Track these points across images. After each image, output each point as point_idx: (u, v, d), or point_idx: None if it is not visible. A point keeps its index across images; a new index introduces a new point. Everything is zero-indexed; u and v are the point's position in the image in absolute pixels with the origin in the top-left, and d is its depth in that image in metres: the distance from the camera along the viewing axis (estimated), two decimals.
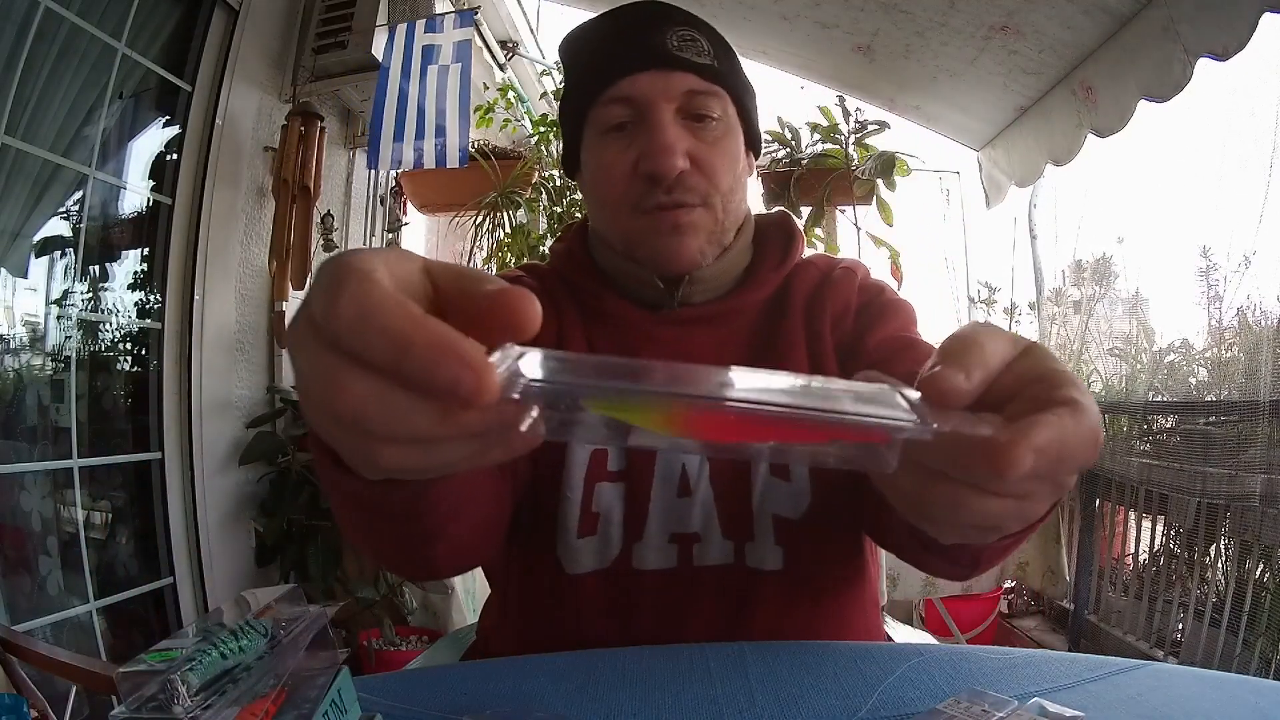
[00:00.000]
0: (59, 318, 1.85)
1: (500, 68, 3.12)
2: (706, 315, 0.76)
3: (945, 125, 2.83)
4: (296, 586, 0.44)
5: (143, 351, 2.08)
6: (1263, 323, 2.02)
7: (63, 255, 1.86)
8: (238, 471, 2.20)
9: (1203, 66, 1.73)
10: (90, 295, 1.94)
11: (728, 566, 0.70)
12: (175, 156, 2.12)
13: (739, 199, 0.76)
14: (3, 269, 1.75)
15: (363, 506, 0.46)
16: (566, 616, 0.71)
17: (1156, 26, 1.82)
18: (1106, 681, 0.55)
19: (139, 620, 1.98)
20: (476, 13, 2.40)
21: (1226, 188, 2.11)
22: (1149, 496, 2.33)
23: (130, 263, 2.09)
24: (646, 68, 0.70)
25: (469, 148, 2.30)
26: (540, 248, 2.63)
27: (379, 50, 2.26)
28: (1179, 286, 2.78)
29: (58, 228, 1.87)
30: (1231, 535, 2.05)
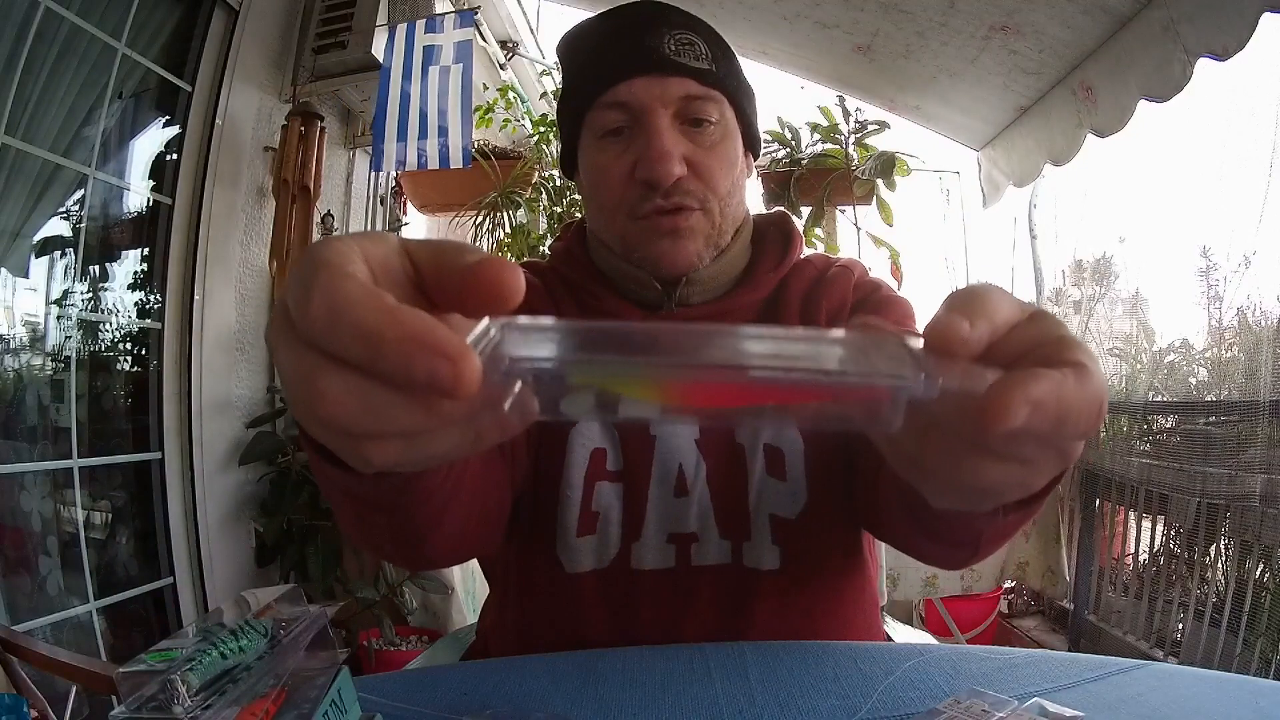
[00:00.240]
0: (59, 318, 1.85)
1: (501, 68, 3.12)
2: (704, 316, 0.76)
3: (945, 125, 2.83)
4: (296, 586, 0.44)
5: (143, 351, 2.08)
6: (1263, 323, 2.02)
7: (63, 255, 1.86)
8: (238, 471, 2.20)
9: (1203, 66, 1.73)
10: (90, 295, 1.94)
11: (726, 566, 0.70)
12: (175, 156, 2.12)
13: (737, 202, 0.76)
14: (3, 269, 1.75)
15: (354, 499, 0.46)
16: (566, 615, 0.71)
17: (1156, 26, 1.82)
18: (1106, 681, 0.55)
19: (139, 620, 1.98)
20: (476, 13, 2.40)
21: (1226, 188, 2.11)
22: (1149, 496, 2.33)
23: (130, 263, 2.09)
24: (643, 72, 0.70)
25: (470, 148, 2.30)
26: (540, 248, 2.63)
27: (379, 50, 2.26)
28: (1179, 286, 2.78)
29: (58, 228, 1.87)
30: (1231, 535, 2.05)
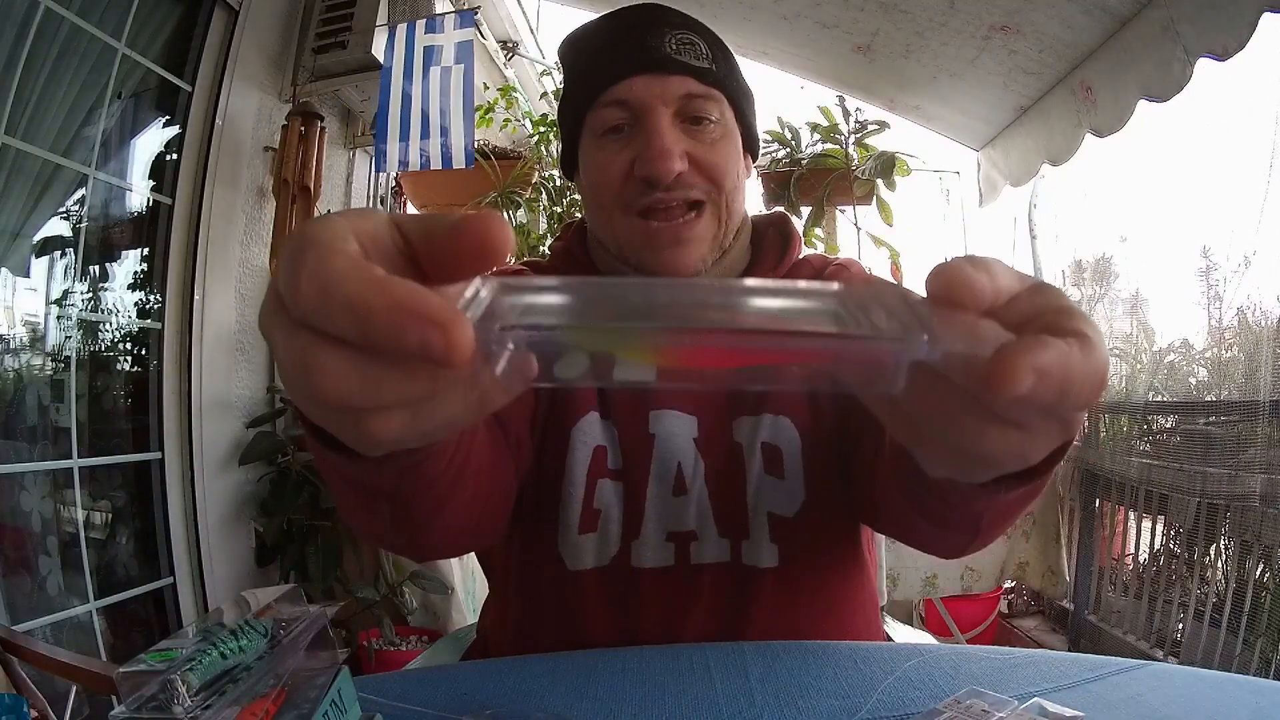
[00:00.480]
0: (59, 318, 1.85)
1: (501, 67, 3.12)
2: None
3: (945, 125, 2.83)
4: (296, 586, 0.44)
5: (143, 351, 2.08)
6: (1263, 323, 2.02)
7: (63, 255, 1.86)
8: (238, 471, 2.20)
9: (1203, 66, 1.73)
10: (90, 295, 1.94)
11: (725, 564, 0.71)
12: (175, 156, 2.12)
13: (740, 200, 0.76)
14: (3, 269, 1.75)
15: (357, 487, 0.46)
16: (567, 613, 0.71)
17: (1156, 26, 1.82)
18: (1106, 681, 0.55)
19: (139, 620, 1.98)
20: (476, 13, 2.40)
21: (1226, 188, 2.11)
22: (1149, 496, 2.33)
23: (130, 263, 2.09)
24: (643, 71, 0.70)
25: (473, 148, 2.31)
26: (540, 248, 2.63)
27: (379, 50, 2.26)
28: (1179, 286, 2.78)
29: (58, 228, 1.87)
30: (1231, 535, 2.05)
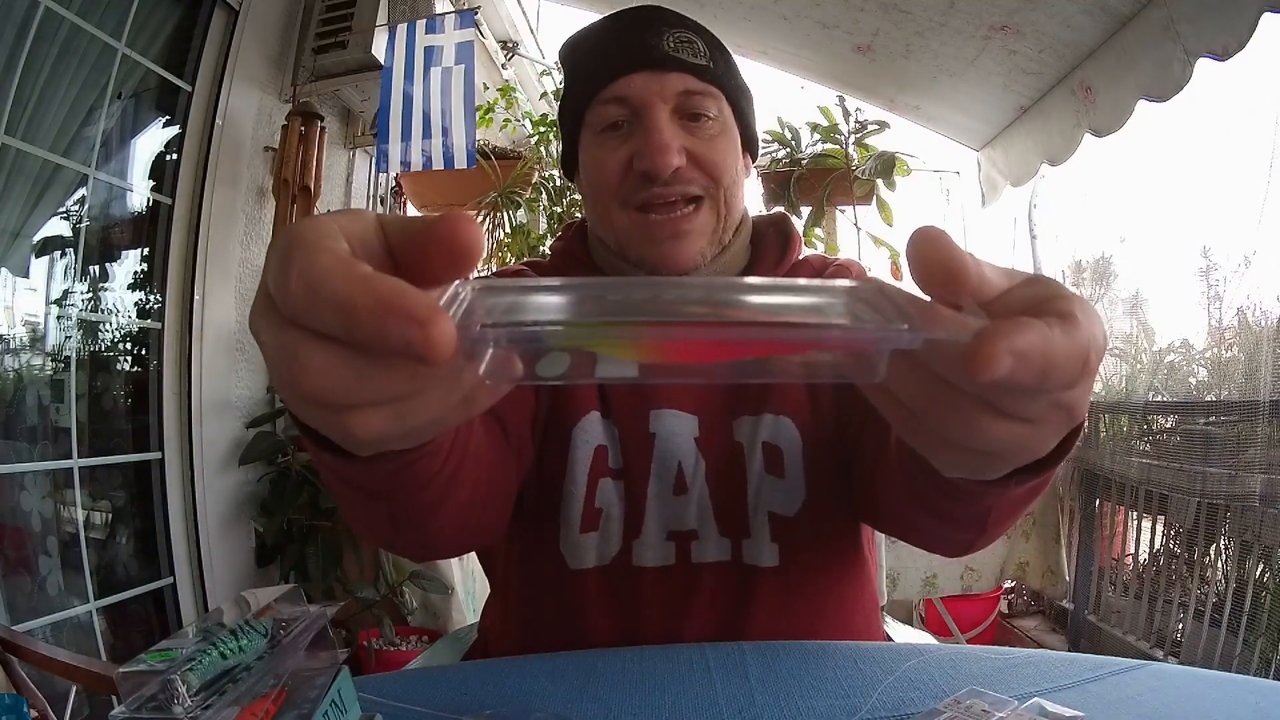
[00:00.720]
0: (59, 318, 1.85)
1: (501, 67, 3.12)
2: None
3: (945, 125, 2.83)
4: (296, 586, 0.44)
5: (143, 351, 2.08)
6: (1263, 323, 2.03)
7: (63, 255, 1.86)
8: (238, 471, 2.20)
9: (1202, 66, 1.73)
10: (90, 295, 1.94)
11: (725, 564, 0.71)
12: (175, 156, 2.12)
13: (739, 197, 0.76)
14: (3, 269, 1.75)
15: (353, 486, 0.46)
16: (569, 612, 0.71)
17: (1156, 26, 1.82)
18: (1106, 681, 0.55)
19: (139, 620, 1.98)
20: (477, 13, 2.40)
21: (1226, 188, 2.11)
22: (1149, 496, 2.33)
23: (130, 263, 2.09)
24: (642, 68, 0.71)
25: (474, 148, 2.31)
26: (540, 248, 2.63)
27: (379, 50, 2.26)
28: (1179, 286, 2.78)
29: (58, 228, 1.87)
30: (1231, 535, 2.05)
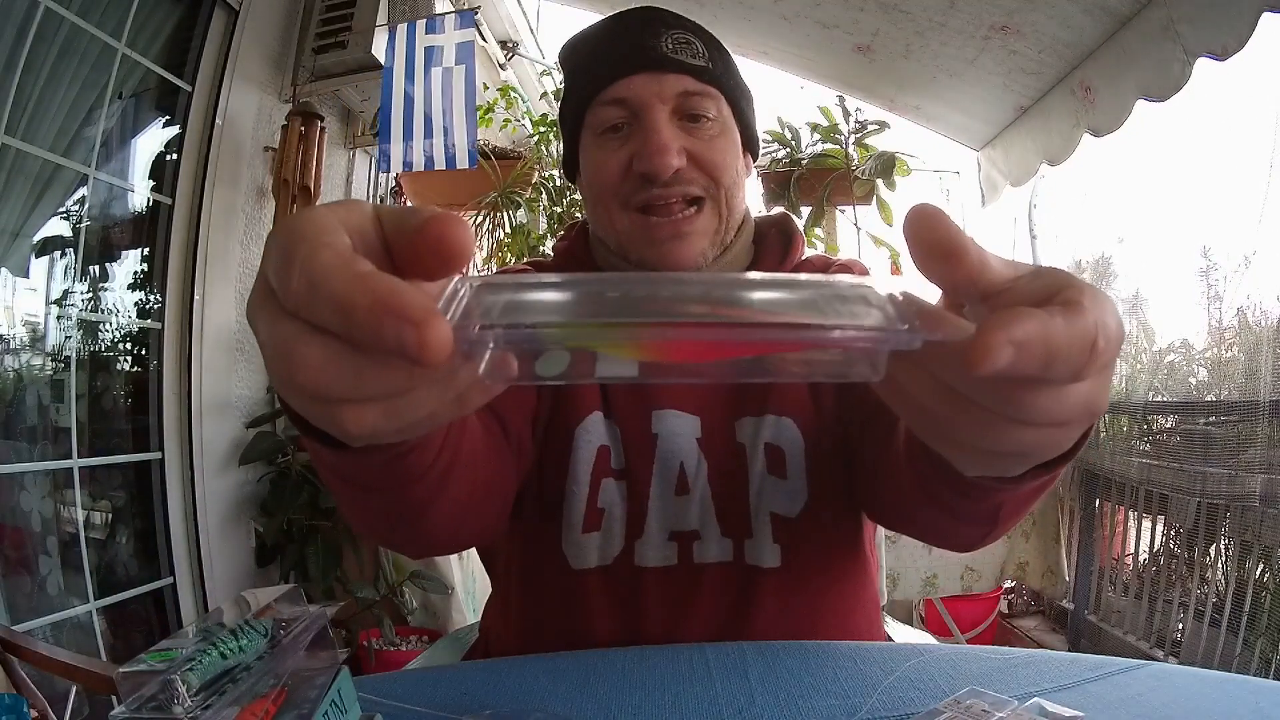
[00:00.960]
0: (59, 318, 1.85)
1: (501, 67, 3.12)
2: None
3: (945, 125, 2.83)
4: (296, 586, 0.44)
5: (143, 351, 2.08)
6: (1263, 323, 2.03)
7: (63, 255, 1.86)
8: (238, 471, 2.20)
9: (1202, 66, 1.73)
10: (90, 295, 1.94)
11: (727, 564, 0.71)
12: (175, 156, 2.12)
13: (740, 197, 0.76)
14: (3, 269, 1.75)
15: (347, 480, 0.46)
16: (571, 612, 0.71)
17: (1156, 26, 1.82)
18: (1106, 681, 0.55)
19: (139, 620, 1.98)
20: (477, 13, 2.40)
21: (1226, 188, 2.11)
22: (1149, 496, 2.33)
23: (130, 263, 2.09)
24: (641, 70, 0.71)
25: (475, 148, 2.31)
26: (540, 248, 2.63)
27: (379, 50, 2.26)
28: (1179, 286, 2.78)
29: (58, 228, 1.87)
30: (1231, 535, 2.05)
